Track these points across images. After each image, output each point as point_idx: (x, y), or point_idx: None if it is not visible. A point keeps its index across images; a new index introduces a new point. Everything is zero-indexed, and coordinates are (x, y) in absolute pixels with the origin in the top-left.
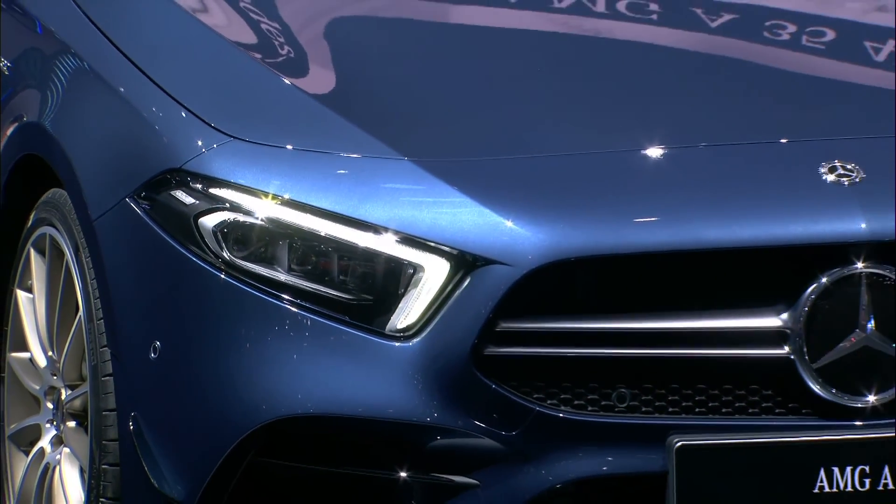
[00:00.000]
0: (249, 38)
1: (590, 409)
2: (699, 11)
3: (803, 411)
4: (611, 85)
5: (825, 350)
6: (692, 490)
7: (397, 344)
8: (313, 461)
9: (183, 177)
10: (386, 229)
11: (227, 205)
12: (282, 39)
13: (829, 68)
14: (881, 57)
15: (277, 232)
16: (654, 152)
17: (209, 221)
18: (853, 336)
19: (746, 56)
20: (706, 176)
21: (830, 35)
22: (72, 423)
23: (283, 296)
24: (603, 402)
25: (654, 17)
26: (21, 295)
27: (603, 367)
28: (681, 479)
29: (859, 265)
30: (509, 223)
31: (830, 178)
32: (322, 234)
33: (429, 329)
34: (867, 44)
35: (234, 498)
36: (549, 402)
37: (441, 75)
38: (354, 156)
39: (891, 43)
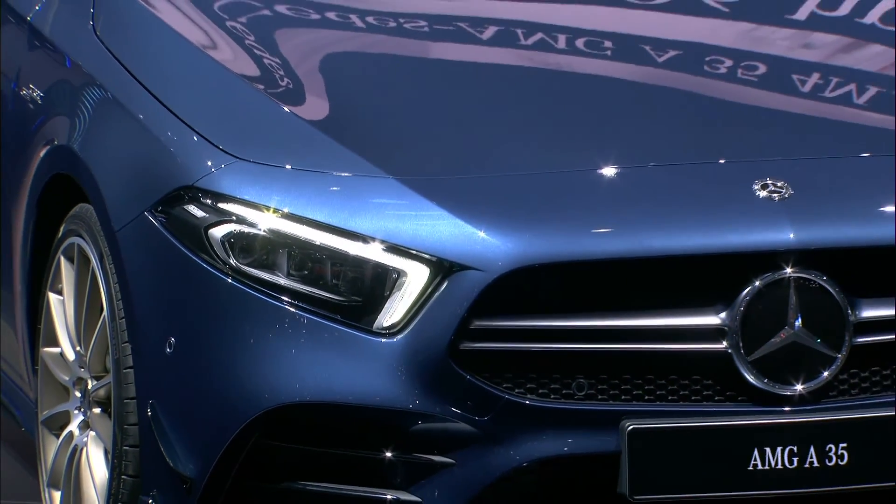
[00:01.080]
0: (253, 70)
1: (552, 397)
2: (648, 48)
3: (739, 399)
4: (571, 111)
5: (758, 345)
6: (642, 468)
7: (383, 340)
8: (309, 443)
9: (195, 193)
10: (373, 239)
11: (234, 217)
12: (281, 72)
13: (762, 97)
14: (807, 88)
15: (278, 241)
16: (609, 171)
17: (218, 232)
18: (783, 332)
19: (689, 87)
20: (654, 192)
21: (763, 68)
22: (97, 410)
23: (282, 297)
24: (564, 391)
25: (608, 52)
26: (52, 297)
27: (564, 360)
28: (632, 458)
29: (788, 270)
30: (482, 234)
31: (763, 193)
32: (317, 243)
33: (411, 327)
34: (795, 76)
35: (240, 475)
36: (516, 391)
37: (421, 103)
38: (345, 174)
39: (815, 75)
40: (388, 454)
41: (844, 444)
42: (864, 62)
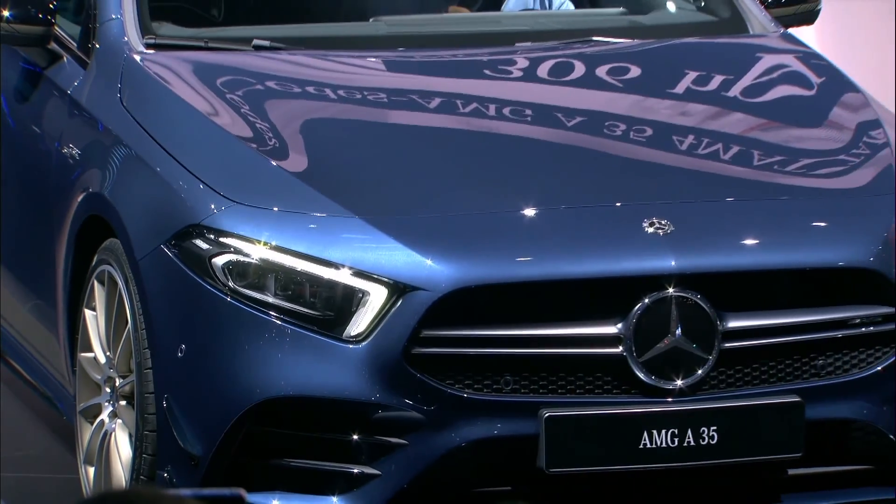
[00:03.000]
0: (247, 133)
1: (485, 391)
2: (560, 115)
3: (632, 392)
4: (499, 165)
5: (647, 349)
6: (556, 447)
7: (351, 346)
8: (292, 428)
9: (200, 230)
10: (343, 266)
11: (232, 249)
12: (269, 134)
13: (649, 154)
14: (684, 146)
15: (267, 268)
16: (529, 212)
17: (219, 261)
18: (666, 339)
19: (592, 146)
20: (565, 228)
21: (650, 131)
22: (123, 403)
23: (270, 312)
24: (494, 386)
25: (529, 118)
26: (87, 313)
27: (494, 362)
28: (548, 439)
29: (670, 290)
30: (429, 262)
31: (650, 230)
32: (298, 269)
33: (373, 336)
34: (675, 137)
35: (237, 454)
36: (457, 386)
37: (381, 158)
38: (320, 215)
39: (691, 136)
40: (355, 437)
41: (715, 428)
42: (728, 126)
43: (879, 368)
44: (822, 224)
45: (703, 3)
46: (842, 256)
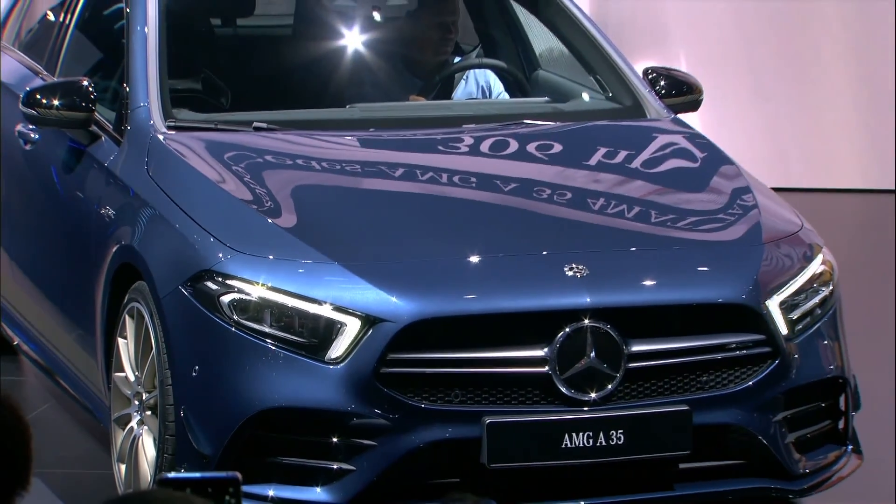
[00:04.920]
0: (248, 196)
1: (439, 402)
2: (499, 182)
3: (556, 402)
4: (450, 221)
5: (568, 368)
6: (495, 446)
7: (331, 367)
8: (285, 432)
9: (211, 274)
10: (325, 302)
11: (236, 289)
12: (266, 198)
13: (570, 213)
14: (597, 207)
15: (264, 304)
16: (474, 258)
17: (226, 299)
18: (583, 360)
19: (524, 206)
20: (503, 272)
21: (570, 195)
22: (148, 413)
23: (266, 340)
24: (446, 398)
25: (474, 184)
26: (120, 341)
27: (446, 378)
28: (489, 440)
29: (586, 322)
30: (394, 299)
31: (570, 273)
32: (289, 305)
33: (349, 358)
34: (589, 200)
35: (241, 453)
36: (416, 398)
37: (355, 216)
38: (307, 261)
39: (601, 199)
40: (334, 439)
41: (621, 431)
42: (631, 191)
43: (751, 383)
44: (706, 269)
45: (610, 94)
46: (721, 294)
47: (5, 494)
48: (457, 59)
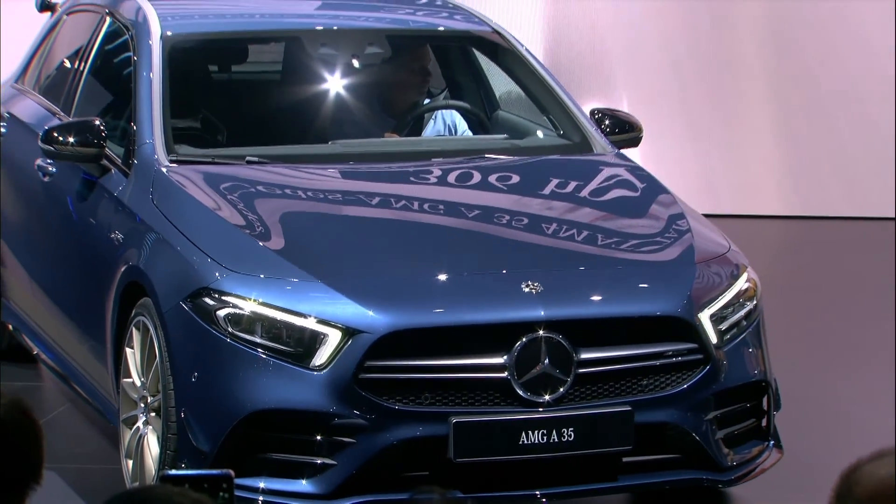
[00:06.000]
0: (241, 222)
1: (410, 404)
2: (463, 209)
3: (514, 404)
4: (421, 242)
5: (525, 374)
6: (461, 443)
7: (315, 373)
8: (275, 431)
9: (208, 291)
10: (309, 316)
11: (230, 304)
12: (258, 223)
13: (526, 236)
14: (550, 231)
15: (255, 318)
16: (442, 276)
17: (221, 313)
18: (538, 366)
19: (486, 230)
20: (467, 288)
21: (526, 220)
22: (153, 414)
23: (258, 349)
24: (417, 401)
25: (442, 210)
26: (128, 350)
27: (417, 383)
28: (456, 437)
29: (540, 332)
30: (371, 313)
31: (526, 290)
32: (277, 318)
33: (331, 365)
34: (544, 225)
35: (235, 450)
36: (390, 400)
37: (337, 239)
38: (294, 280)
39: (554, 224)
40: (318, 437)
41: (572, 429)
42: (580, 217)
43: (685, 386)
44: (646, 286)
45: (561, 132)
46: (659, 308)
47: (20, 487)
48: (426, 101)
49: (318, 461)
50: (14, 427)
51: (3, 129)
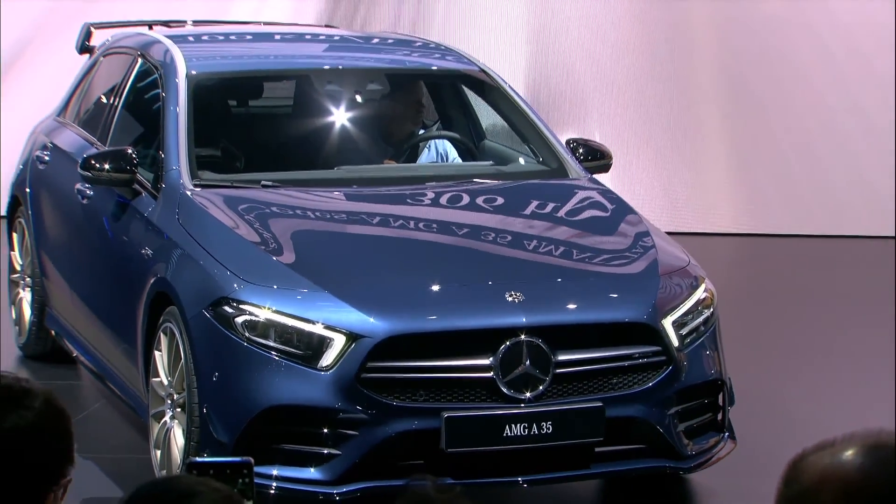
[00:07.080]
0: (257, 239)
1: (407, 400)
2: (453, 227)
3: (499, 400)
4: (418, 257)
5: (509, 373)
6: (452, 435)
7: (322, 373)
8: (287, 424)
9: (228, 300)
10: (317, 322)
11: (247, 312)
12: (272, 240)
13: (509, 251)
14: (531, 247)
15: (269, 324)
16: (435, 287)
17: (239, 320)
18: (521, 367)
19: (473, 246)
20: (457, 298)
21: (510, 237)
22: (178, 409)
23: (272, 352)
24: (413, 397)
25: (435, 228)
26: (156, 353)
27: (413, 381)
28: (447, 430)
29: (522, 336)
30: (371, 319)
31: (510, 299)
32: (289, 325)
33: (336, 366)
34: (525, 241)
35: (251, 441)
36: (389, 397)
37: (343, 253)
38: (304, 290)
39: (535, 240)
40: (324, 430)
41: (550, 423)
42: (557, 234)
43: (651, 385)
44: (615, 295)
45: (540, 159)
46: (627, 315)
47: (61, 467)
48: (421, 132)
49: (325, 451)
50: (49, 419)
51: (47, 158)
